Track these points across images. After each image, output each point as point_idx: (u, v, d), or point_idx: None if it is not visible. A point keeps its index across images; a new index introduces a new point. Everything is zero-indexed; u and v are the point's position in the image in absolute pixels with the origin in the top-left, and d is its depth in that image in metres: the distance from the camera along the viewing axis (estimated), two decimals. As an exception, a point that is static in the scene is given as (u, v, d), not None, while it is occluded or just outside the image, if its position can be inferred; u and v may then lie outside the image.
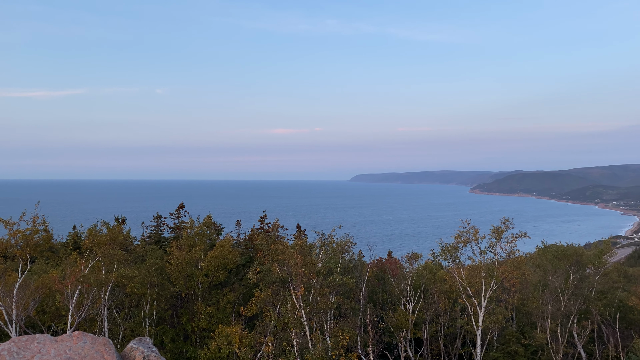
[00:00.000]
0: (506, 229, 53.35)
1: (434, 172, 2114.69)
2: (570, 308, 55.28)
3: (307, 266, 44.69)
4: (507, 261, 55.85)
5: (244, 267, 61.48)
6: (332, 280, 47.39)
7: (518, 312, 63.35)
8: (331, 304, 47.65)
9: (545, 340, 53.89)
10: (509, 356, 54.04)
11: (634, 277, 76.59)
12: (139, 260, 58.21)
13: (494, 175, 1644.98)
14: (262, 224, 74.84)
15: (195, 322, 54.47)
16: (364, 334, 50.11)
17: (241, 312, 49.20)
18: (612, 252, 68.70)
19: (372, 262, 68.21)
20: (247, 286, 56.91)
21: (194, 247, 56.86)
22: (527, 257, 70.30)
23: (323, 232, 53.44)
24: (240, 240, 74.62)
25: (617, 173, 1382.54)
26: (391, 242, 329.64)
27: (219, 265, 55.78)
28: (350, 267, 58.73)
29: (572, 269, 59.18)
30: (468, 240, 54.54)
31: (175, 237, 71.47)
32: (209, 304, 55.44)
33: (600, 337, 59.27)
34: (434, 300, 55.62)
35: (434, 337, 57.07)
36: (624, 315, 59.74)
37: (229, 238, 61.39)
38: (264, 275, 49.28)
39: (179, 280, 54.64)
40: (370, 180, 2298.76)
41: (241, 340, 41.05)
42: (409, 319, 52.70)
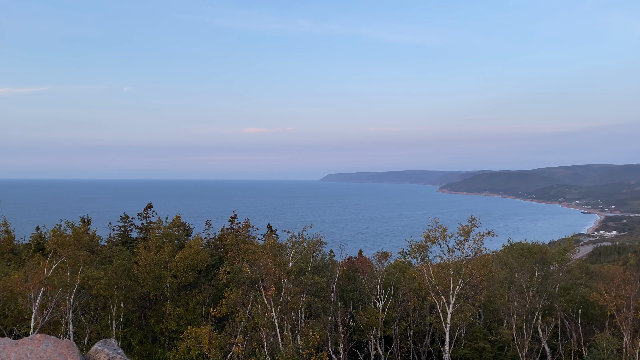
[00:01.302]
0: (473, 227, 54.37)
1: (404, 172, 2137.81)
2: (535, 304, 56.70)
3: (277, 266, 44.57)
4: (475, 259, 56.91)
5: (214, 268, 60.86)
6: (302, 280, 47.41)
7: (485, 309, 64.61)
8: (302, 304, 47.65)
9: (511, 336, 55.14)
10: (477, 353, 55.07)
11: (596, 273, 79.04)
12: (106, 262, 57.00)
13: (461, 175, 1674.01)
14: (233, 224, 74.24)
15: (164, 323, 53.66)
16: (335, 332, 50.28)
17: (211, 313, 48.77)
18: (575, 250, 70.81)
19: (343, 261, 68.52)
20: (217, 287, 56.38)
21: (162, 248, 56.01)
22: (494, 255, 71.77)
23: (294, 231, 53.40)
24: (210, 241, 73.82)
25: (579, 173, 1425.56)
26: (362, 241, 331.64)
27: (188, 266, 55.09)
28: (321, 266, 58.85)
29: (537, 266, 60.72)
30: (437, 238, 55.37)
31: (143, 237, 70.22)
32: (177, 305, 54.69)
33: (563, 332, 60.99)
34: (403, 299, 56.24)
35: (404, 334, 57.69)
36: (586, 310, 61.61)
37: (198, 238, 60.68)
38: (234, 276, 48.95)
39: (147, 282, 53.73)
40: (342, 179, 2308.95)
41: (211, 342, 40.69)
42: (379, 317, 53.16)
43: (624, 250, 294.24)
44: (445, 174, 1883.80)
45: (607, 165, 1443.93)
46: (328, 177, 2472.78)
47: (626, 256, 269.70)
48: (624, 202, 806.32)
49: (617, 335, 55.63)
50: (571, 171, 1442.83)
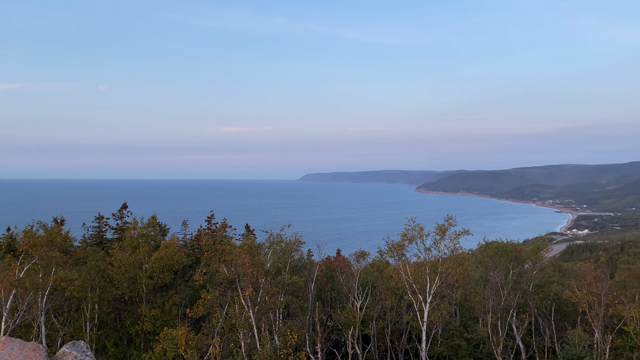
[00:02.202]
0: (449, 226, 54.95)
1: (381, 172, 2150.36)
2: (510, 302, 57.61)
3: (255, 266, 44.36)
4: (451, 258, 57.52)
5: (190, 269, 60.25)
6: (280, 280, 47.28)
7: (461, 307, 65.38)
8: (280, 304, 47.53)
9: (486, 333, 55.90)
10: (453, 350, 55.68)
11: (568, 271, 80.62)
12: (80, 263, 55.97)
13: (438, 174, 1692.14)
14: (209, 224, 73.63)
15: (140, 325, 52.92)
16: (313, 332, 50.25)
17: (187, 314, 48.30)
18: (548, 248, 72.16)
19: (321, 261, 68.53)
20: (194, 288, 55.84)
21: (137, 249, 55.21)
22: (470, 254, 72.68)
23: (272, 231, 53.18)
24: (187, 241, 73.11)
25: (553, 173, 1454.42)
26: (341, 240, 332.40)
27: (164, 266, 54.43)
28: (299, 266, 58.75)
29: (512, 264, 61.69)
30: (414, 237, 55.81)
31: (118, 238, 69.15)
32: (153, 307, 53.99)
33: (537, 329, 62.09)
34: (381, 297, 56.53)
35: (381, 333, 57.99)
36: (559, 307, 62.87)
37: (174, 239, 60.00)
38: (211, 276, 48.55)
39: (122, 283, 52.92)
40: (320, 179, 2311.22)
41: (187, 343, 40.30)
42: (356, 317, 53.33)
43: (595, 248, 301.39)
44: (422, 174, 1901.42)
45: (579, 165, 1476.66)
46: (306, 177, 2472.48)
47: (597, 254, 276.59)
48: (596, 202, 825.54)
49: (589, 331, 56.91)
50: (545, 171, 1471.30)
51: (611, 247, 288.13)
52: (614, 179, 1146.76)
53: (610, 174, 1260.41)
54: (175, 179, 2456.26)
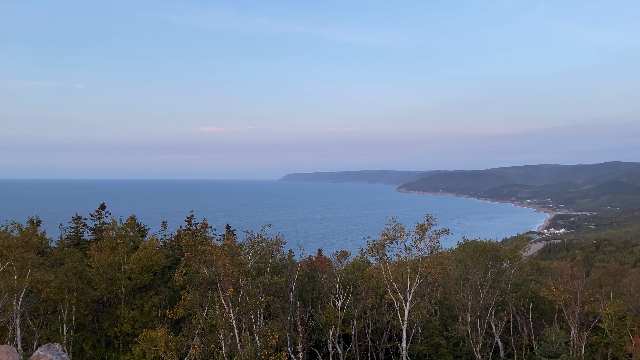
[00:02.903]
0: (429, 226, 55.43)
1: (362, 172, 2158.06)
2: (489, 300, 58.33)
3: (236, 266, 44.13)
4: (431, 257, 58.03)
5: (170, 269, 59.66)
6: (261, 280, 47.12)
7: (441, 306, 66.00)
8: (260, 304, 47.37)
9: (466, 332, 56.52)
10: (433, 349, 56.17)
11: (545, 270, 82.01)
12: (56, 264, 54.96)
13: (418, 174, 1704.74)
14: (189, 224, 72.92)
15: (118, 327, 52.22)
16: (294, 332, 50.20)
17: (167, 316, 47.84)
18: (526, 247, 73.23)
19: (303, 261, 68.48)
20: (174, 288, 55.31)
21: (116, 249, 54.48)
22: (449, 253, 73.37)
23: (253, 231, 52.94)
24: (166, 242, 72.28)
25: (531, 173, 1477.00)
26: (322, 240, 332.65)
27: (143, 267, 53.80)
28: (280, 266, 58.65)
29: (491, 263, 62.47)
30: (394, 237, 56.16)
31: (96, 239, 68.09)
32: (132, 308, 53.33)
33: (515, 327, 63.00)
34: (362, 297, 56.73)
35: (362, 332, 58.20)
36: (537, 305, 63.86)
37: (153, 239, 59.31)
38: (191, 277, 48.16)
39: (100, 284, 52.14)
40: (301, 179, 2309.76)
41: (167, 344, 39.92)
42: (337, 316, 53.43)
43: (571, 247, 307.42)
44: (403, 174, 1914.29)
45: (556, 165, 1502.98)
46: (287, 177, 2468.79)
47: (574, 253, 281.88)
48: (572, 201, 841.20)
49: (565, 328, 57.97)
50: (523, 171, 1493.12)
51: (587, 246, 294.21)
52: (589, 179, 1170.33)
53: (586, 174, 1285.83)
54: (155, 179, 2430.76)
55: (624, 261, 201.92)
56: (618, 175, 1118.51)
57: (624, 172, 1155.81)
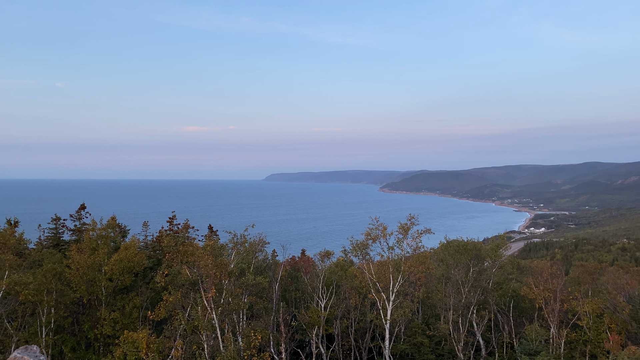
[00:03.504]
0: (412, 225, 55.79)
1: (346, 172, 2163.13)
2: (470, 299, 58.91)
3: (218, 267, 43.87)
4: (413, 256, 58.42)
5: (152, 270, 59.06)
6: (244, 281, 46.93)
7: (423, 305, 66.46)
8: (243, 305, 47.17)
9: (448, 330, 56.99)
10: (415, 348, 56.53)
11: (526, 268, 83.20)
12: (35, 266, 54.02)
13: (401, 174, 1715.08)
14: (171, 225, 72.32)
15: (99, 329, 51.55)
16: (277, 333, 50.10)
17: (149, 317, 47.40)
18: (507, 246, 74.09)
19: (286, 261, 68.38)
20: (155, 290, 54.79)
21: (96, 250, 53.77)
22: (432, 252, 73.99)
23: (236, 232, 52.70)
24: (148, 243, 71.58)
25: (511, 173, 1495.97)
26: (306, 240, 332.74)
27: (124, 268, 53.20)
28: (263, 266, 58.45)
29: (472, 262, 63.11)
30: (377, 237, 56.40)
31: (76, 240, 67.11)
32: (113, 310, 52.69)
33: (496, 325, 63.73)
34: (345, 297, 56.84)
35: (345, 332, 58.32)
36: (517, 304, 64.69)
37: (135, 240, 58.70)
38: (172, 278, 47.78)
39: (80, 286, 51.40)
40: (285, 179, 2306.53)
41: (148, 346, 39.52)
42: (321, 316, 53.45)
43: (551, 246, 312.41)
44: (386, 174, 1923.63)
45: (536, 165, 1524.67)
46: (271, 177, 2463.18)
47: (553, 252, 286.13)
48: (552, 201, 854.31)
49: (545, 326, 58.84)
50: (504, 171, 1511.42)
51: (566, 245, 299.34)
52: (568, 179, 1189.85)
53: (565, 174, 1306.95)
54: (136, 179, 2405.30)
55: (602, 260, 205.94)
56: (596, 175, 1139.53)
57: (602, 172, 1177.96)
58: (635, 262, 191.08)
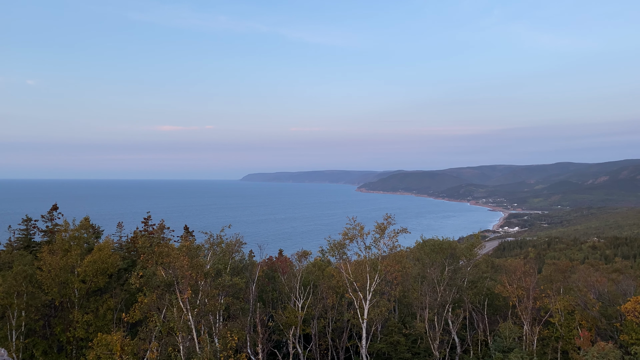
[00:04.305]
0: (389, 225, 56.16)
1: (323, 172, 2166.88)
2: (446, 298, 59.59)
3: (194, 268, 43.49)
4: (390, 255, 58.83)
5: (126, 272, 58.25)
6: (221, 282, 46.62)
7: (400, 304, 66.96)
8: (220, 306, 46.85)
9: (423, 329, 57.53)
10: (392, 346, 56.92)
11: (500, 267, 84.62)
12: (5, 268, 52.83)
13: (378, 174, 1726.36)
14: (146, 225, 71.43)
15: (71, 331, 50.58)
16: (254, 333, 49.90)
17: (123, 319, 46.71)
18: (482, 245, 75.16)
19: (263, 262, 68.18)
20: (130, 291, 54.03)
21: (69, 252, 52.75)
22: (408, 251, 74.61)
23: (212, 232, 52.30)
24: (122, 244, 70.58)
25: (486, 173, 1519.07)
26: (284, 240, 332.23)
27: (98, 270, 52.32)
28: (240, 267, 58.13)
29: (448, 261, 63.86)
30: (354, 236, 56.61)
31: (48, 241, 65.74)
32: (86, 312, 51.76)
33: (471, 323, 64.59)
34: (322, 296, 56.92)
35: (322, 332, 58.40)
36: (491, 302, 65.70)
37: (108, 241, 57.81)
38: (147, 279, 47.18)
39: (52, 288, 50.36)
40: (262, 179, 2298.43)
41: (123, 348, 38.93)
42: (298, 316, 53.42)
43: (525, 244, 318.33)
44: (363, 174, 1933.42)
45: (510, 166, 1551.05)
46: (248, 177, 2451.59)
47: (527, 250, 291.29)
48: (525, 200, 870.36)
49: (518, 323, 59.89)
50: (478, 171, 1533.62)
51: (539, 244, 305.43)
52: (541, 179, 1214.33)
53: (538, 174, 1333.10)
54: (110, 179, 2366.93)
55: (573, 258, 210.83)
56: (568, 175, 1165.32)
57: (573, 172, 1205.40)
58: (605, 260, 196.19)
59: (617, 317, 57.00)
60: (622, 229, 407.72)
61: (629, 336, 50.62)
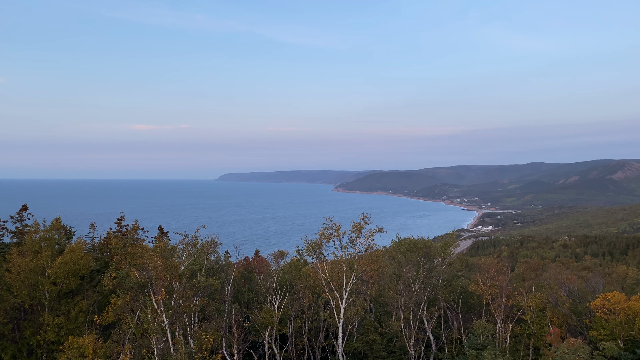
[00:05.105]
0: (365, 224, 56.51)
1: (300, 172, 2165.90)
2: (421, 296, 60.23)
3: (168, 269, 43.00)
4: (366, 255, 59.19)
5: (99, 273, 57.17)
6: (196, 283, 46.21)
7: (376, 303, 67.38)
8: (195, 307, 46.44)
9: (399, 327, 58.04)
10: (368, 345, 57.25)
11: (474, 265, 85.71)
12: (-29, 270, 51.25)
13: (355, 174, 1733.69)
14: (120, 226, 70.17)
15: (42, 335, 49.43)
16: (229, 334, 49.59)
17: (95, 321, 45.94)
18: (456, 244, 76.14)
19: (239, 262, 67.79)
20: (103, 293, 53.05)
21: (39, 253, 51.54)
22: (384, 251, 75.13)
23: (187, 233, 51.79)
24: (95, 245, 69.23)
25: (460, 173, 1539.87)
26: (260, 241, 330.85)
27: (70, 271, 51.25)
28: (215, 268, 57.72)
29: (423, 260, 64.53)
30: (331, 236, 56.81)
31: (17, 242, 64.07)
32: (57, 315, 50.65)
33: (446, 321, 65.38)
34: (299, 296, 56.92)
35: (299, 332, 58.39)
36: (465, 300, 66.63)
37: (81, 242, 56.63)
38: (121, 281, 46.49)
39: (21, 290, 49.14)
40: (239, 179, 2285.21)
41: (95, 351, 38.26)
42: (274, 316, 53.31)
43: (498, 243, 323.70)
44: (340, 174, 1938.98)
45: (484, 166, 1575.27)
46: (224, 177, 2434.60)
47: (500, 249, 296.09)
48: (499, 200, 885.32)
49: (492, 321, 60.87)
50: (453, 171, 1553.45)
51: (512, 242, 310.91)
52: (514, 179, 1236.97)
53: (511, 174, 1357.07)
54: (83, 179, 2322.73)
55: (545, 256, 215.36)
56: (540, 175, 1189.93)
57: (545, 172, 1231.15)
58: (576, 258, 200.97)
59: (587, 314, 58.44)
60: (592, 228, 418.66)
61: (597, 332, 51.93)
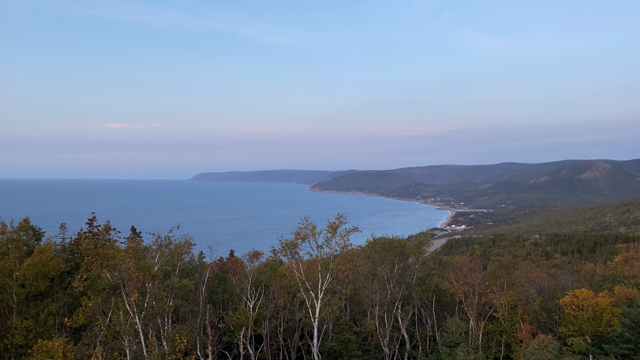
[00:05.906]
0: (340, 224, 56.68)
1: (276, 171, 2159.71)
2: (396, 295, 60.73)
3: (141, 270, 42.40)
4: (341, 254, 59.38)
5: (69, 275, 55.97)
6: (169, 284, 45.65)
7: (351, 302, 67.66)
8: (168, 308, 45.87)
9: (374, 326, 58.40)
10: (343, 344, 57.44)
11: (447, 264, 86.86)
12: None
13: (331, 174, 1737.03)
14: (91, 227, 68.81)
15: (9, 338, 48.13)
16: (203, 335, 49.15)
17: (66, 324, 44.97)
18: (430, 243, 77.06)
19: (213, 263, 67.15)
20: (73, 295, 51.95)
21: (7, 255, 50.16)
22: (359, 250, 75.50)
23: (160, 233, 51.09)
24: (65, 246, 67.73)
25: (434, 172, 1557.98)
26: (236, 241, 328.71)
27: (39, 273, 50.02)
28: (189, 268, 57.10)
29: (397, 259, 65.05)
30: (307, 236, 56.79)
31: (-17, 244, 62.21)
32: (26, 317, 49.41)
33: (420, 319, 66.08)
34: (274, 296, 56.75)
35: (274, 332, 58.22)
36: (439, 298, 67.46)
37: (50, 243, 55.37)
38: (92, 282, 45.65)
39: (-13, 293, 47.74)
40: (213, 179, 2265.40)
41: (65, 354, 37.49)
42: (249, 317, 53.03)
43: (471, 242, 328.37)
44: (316, 174, 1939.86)
45: (457, 166, 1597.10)
46: (199, 177, 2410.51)
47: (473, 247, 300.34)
48: (472, 199, 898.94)
49: (465, 319, 61.79)
50: (427, 171, 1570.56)
51: (485, 241, 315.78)
52: (487, 179, 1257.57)
53: (483, 174, 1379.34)
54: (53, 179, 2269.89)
55: (516, 254, 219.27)
56: (512, 175, 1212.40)
57: (517, 172, 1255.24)
58: (546, 256, 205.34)
59: (556, 311, 59.83)
60: (562, 227, 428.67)
61: (566, 328, 53.20)
